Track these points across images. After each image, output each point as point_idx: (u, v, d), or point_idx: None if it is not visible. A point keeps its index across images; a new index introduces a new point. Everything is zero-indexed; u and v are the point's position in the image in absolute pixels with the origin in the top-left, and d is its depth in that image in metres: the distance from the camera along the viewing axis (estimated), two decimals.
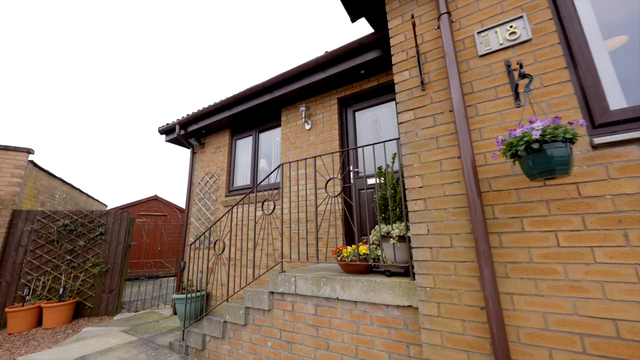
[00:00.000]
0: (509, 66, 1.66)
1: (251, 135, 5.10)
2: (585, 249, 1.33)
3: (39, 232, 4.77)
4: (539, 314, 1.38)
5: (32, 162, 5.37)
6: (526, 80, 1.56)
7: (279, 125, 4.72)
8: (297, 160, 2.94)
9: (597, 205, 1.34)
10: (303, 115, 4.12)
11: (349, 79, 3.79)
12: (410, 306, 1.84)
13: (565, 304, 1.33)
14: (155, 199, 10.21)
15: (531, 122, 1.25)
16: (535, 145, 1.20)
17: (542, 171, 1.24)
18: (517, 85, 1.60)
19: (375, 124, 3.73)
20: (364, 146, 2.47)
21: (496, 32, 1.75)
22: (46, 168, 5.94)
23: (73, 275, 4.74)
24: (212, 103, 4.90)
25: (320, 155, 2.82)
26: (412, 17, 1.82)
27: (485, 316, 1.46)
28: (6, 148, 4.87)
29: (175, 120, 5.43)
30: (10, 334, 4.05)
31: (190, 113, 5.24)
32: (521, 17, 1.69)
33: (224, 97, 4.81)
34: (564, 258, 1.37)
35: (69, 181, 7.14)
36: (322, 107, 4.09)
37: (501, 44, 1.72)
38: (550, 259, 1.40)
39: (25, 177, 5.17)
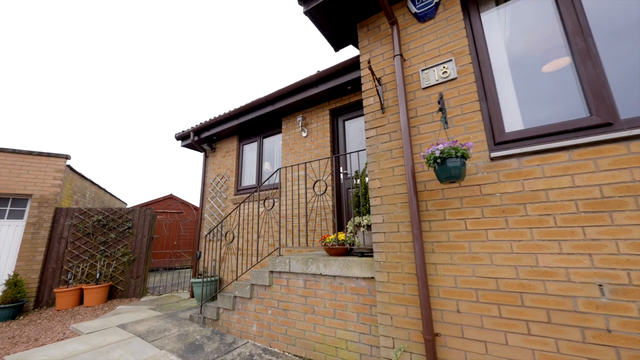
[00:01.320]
0: (441, 97, 2.23)
1: (256, 140, 5.77)
2: (482, 231, 1.91)
3: (77, 226, 5.59)
4: (451, 277, 1.96)
5: (68, 166, 6.20)
6: (443, 112, 2.13)
7: (280, 132, 5.36)
8: (291, 166, 3.58)
9: (491, 200, 1.91)
10: (300, 124, 4.74)
11: (338, 93, 4.39)
12: (373, 277, 2.44)
13: (468, 269, 1.91)
14: (170, 197, 11.07)
15: (438, 144, 1.84)
16: (438, 160, 1.78)
17: (444, 177, 1.82)
18: (444, 115, 2.18)
19: (361, 131, 4.31)
20: (346, 154, 3.08)
21: (434, 70, 2.32)
22: (79, 171, 6.77)
23: (106, 262, 5.54)
24: (222, 113, 5.58)
25: (309, 162, 3.45)
26: (369, 62, 2.39)
27: (416, 277, 2.05)
28: (49, 154, 5.70)
29: (189, 127, 6.14)
30: (58, 310, 4.87)
31: (203, 121, 5.94)
32: (451, 60, 2.25)
33: (232, 108, 5.48)
34: (469, 237, 1.95)
35: (96, 182, 8.01)
36: (316, 117, 4.70)
37: (437, 80, 2.29)
38: (460, 239, 1.97)
39: (64, 179, 6.00)
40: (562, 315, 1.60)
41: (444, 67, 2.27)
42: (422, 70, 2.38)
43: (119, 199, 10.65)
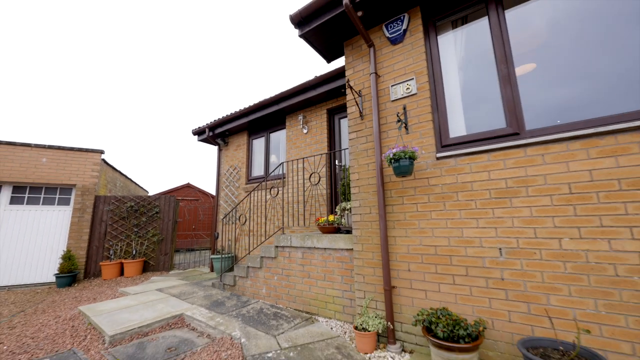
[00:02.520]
0: (404, 109, 2.85)
1: (263, 136, 6.47)
2: (428, 212, 2.57)
3: (114, 211, 6.55)
4: (405, 246, 2.65)
5: (103, 159, 7.12)
6: (402, 122, 2.76)
7: (284, 128, 6.03)
8: (292, 160, 4.27)
9: (435, 189, 2.56)
10: (301, 122, 5.39)
11: (334, 95, 4.99)
12: (352, 249, 3.16)
13: (417, 240, 2.59)
14: (188, 186, 12.07)
15: (394, 148, 2.48)
16: (393, 160, 2.44)
17: (398, 173, 2.48)
18: (406, 122, 2.80)
19: None
20: (337, 151, 3.73)
21: (400, 86, 2.92)
22: (110, 163, 7.71)
23: (139, 242, 6.52)
24: (233, 111, 6.28)
25: (307, 157, 4.13)
26: (348, 81, 3.00)
27: (383, 244, 2.75)
28: (87, 150, 6.61)
29: (205, 124, 6.89)
30: (104, 279, 5.90)
31: (216, 119, 6.66)
32: (413, 78, 2.84)
33: (242, 107, 6.17)
34: (419, 217, 2.62)
35: (124, 172, 8.99)
36: (315, 116, 5.34)
37: (402, 95, 2.89)
38: (413, 218, 2.65)
39: (100, 171, 6.94)
40: (475, 270, 2.28)
41: (407, 84, 2.87)
42: (392, 85, 2.98)
43: (142, 187, 11.71)
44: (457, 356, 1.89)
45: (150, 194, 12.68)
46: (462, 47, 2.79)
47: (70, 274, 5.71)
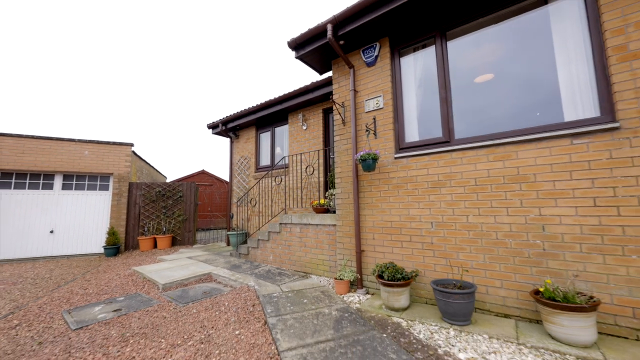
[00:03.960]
0: (374, 119, 3.74)
1: (269, 130, 7.41)
2: (387, 197, 3.54)
3: (145, 195, 7.76)
4: (371, 221, 3.65)
5: (133, 151, 8.26)
6: (370, 131, 3.67)
7: (287, 123, 6.95)
8: (292, 155, 5.23)
9: (393, 180, 3.51)
10: (301, 120, 6.30)
11: (328, 97, 5.84)
12: (335, 224, 4.19)
13: (379, 217, 3.58)
14: (203, 172, 13.27)
15: (361, 151, 3.42)
16: (360, 160, 3.39)
17: (365, 169, 3.43)
18: (375, 130, 3.70)
19: None
20: (328, 148, 4.66)
21: (371, 101, 3.79)
22: (138, 153, 8.86)
23: (168, 221, 7.76)
24: (243, 109, 7.21)
25: (305, 153, 5.08)
26: (333, 98, 3.87)
27: (355, 220, 3.76)
28: (120, 143, 7.73)
29: (218, 119, 7.86)
30: (142, 251, 7.20)
31: (228, 115, 7.61)
32: (381, 95, 3.71)
33: (250, 105, 7.08)
34: (381, 200, 3.59)
35: (148, 162, 10.17)
36: (313, 114, 6.23)
37: (373, 108, 3.77)
38: (377, 201, 3.62)
39: (131, 161, 8.09)
40: (416, 237, 3.27)
41: (377, 100, 3.74)
42: (366, 100, 3.86)
43: (162, 174, 12.98)
44: (394, 290, 2.93)
45: (169, 179, 13.98)
46: (420, 70, 3.62)
47: (115, 246, 7.02)
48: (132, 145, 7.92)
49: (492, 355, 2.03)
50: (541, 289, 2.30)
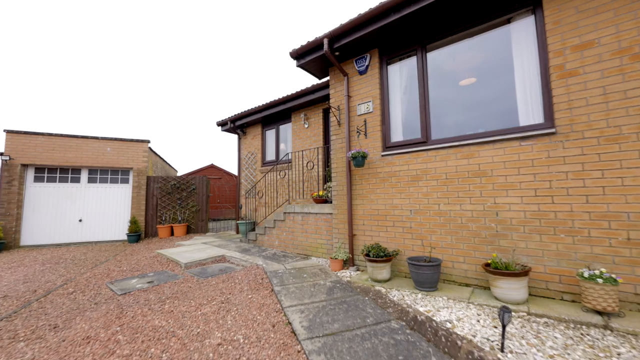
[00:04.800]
0: (365, 122, 4.31)
1: (274, 128, 8.01)
2: (375, 189, 4.14)
3: (162, 188, 8.49)
4: (362, 210, 4.26)
5: (149, 147, 8.97)
6: (361, 132, 4.24)
7: (290, 122, 7.53)
8: (296, 151, 5.83)
9: (379, 175, 4.10)
10: (303, 119, 6.88)
11: (327, 98, 6.39)
12: (332, 212, 4.81)
13: (368, 206, 4.19)
14: (212, 166, 14.00)
15: (352, 150, 4.01)
16: (351, 157, 3.98)
17: (355, 165, 4.03)
18: (366, 131, 4.27)
19: None
20: (327, 146, 5.25)
21: (363, 105, 4.35)
22: (153, 149, 9.57)
23: (182, 211, 8.50)
24: (250, 108, 7.80)
25: (305, 150, 5.68)
26: (330, 103, 4.43)
27: (348, 209, 4.38)
28: (138, 140, 8.44)
29: (227, 117, 8.48)
30: (160, 238, 7.98)
31: (236, 113, 8.22)
32: (370, 101, 4.26)
33: (257, 105, 7.66)
34: (370, 192, 4.19)
35: (162, 156, 10.90)
36: (314, 114, 6.79)
37: (364, 112, 4.33)
38: (367, 192, 4.22)
39: (147, 156, 8.81)
40: (398, 223, 3.87)
41: (367, 105, 4.30)
42: (358, 104, 4.42)
43: (173, 168, 13.74)
44: (377, 265, 3.55)
45: (179, 173, 14.76)
46: (404, 78, 4.15)
47: (136, 234, 7.81)
48: (148, 142, 8.62)
49: (445, 309, 2.65)
50: (490, 262, 2.90)
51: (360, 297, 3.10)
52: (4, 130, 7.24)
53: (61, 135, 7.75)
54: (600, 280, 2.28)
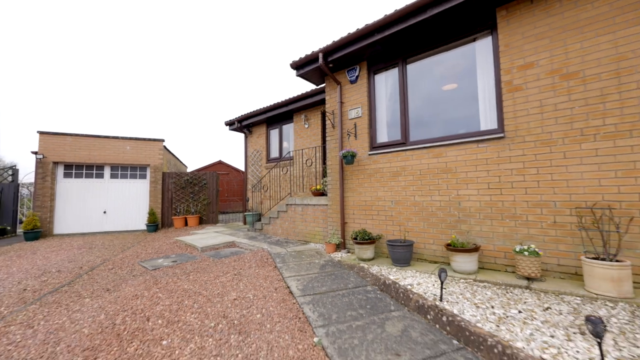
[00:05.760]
0: (355, 125, 4.97)
1: (278, 128, 8.70)
2: (363, 183, 4.82)
3: (176, 183, 9.32)
4: (352, 201, 4.96)
5: (164, 146, 9.78)
6: (351, 134, 4.91)
7: (292, 122, 8.21)
8: (297, 150, 6.53)
9: (367, 171, 4.78)
10: (303, 120, 7.55)
11: (325, 102, 7.04)
12: (327, 204, 5.52)
13: (357, 198, 4.89)
14: (220, 162, 14.82)
15: (344, 150, 4.69)
16: (341, 157, 4.67)
17: (346, 163, 4.72)
18: (356, 133, 4.94)
19: None
20: (323, 145, 5.94)
21: (353, 111, 5.01)
22: (167, 147, 10.38)
23: (195, 204, 9.33)
24: (255, 109, 8.50)
25: (305, 149, 6.39)
26: (325, 110, 5.08)
27: (340, 201, 5.08)
28: (154, 140, 9.24)
29: (234, 118, 9.20)
30: (176, 228, 8.83)
31: (243, 114, 8.93)
32: (360, 107, 4.92)
33: (262, 106, 8.35)
34: (358, 186, 4.88)
35: (174, 153, 11.72)
36: (313, 115, 7.46)
37: (354, 116, 4.99)
38: (356, 186, 4.91)
39: (163, 154, 9.62)
40: (381, 212, 4.56)
41: (357, 110, 4.96)
42: (349, 109, 5.08)
43: (183, 164, 14.60)
44: (363, 246, 4.26)
45: (189, 169, 15.63)
46: (389, 86, 4.79)
47: (154, 224, 8.66)
48: (163, 140, 9.42)
49: (410, 278, 3.35)
50: (450, 242, 3.58)
51: (346, 271, 3.83)
52: (38, 132, 8.10)
53: (86, 136, 8.59)
54: (526, 253, 2.95)
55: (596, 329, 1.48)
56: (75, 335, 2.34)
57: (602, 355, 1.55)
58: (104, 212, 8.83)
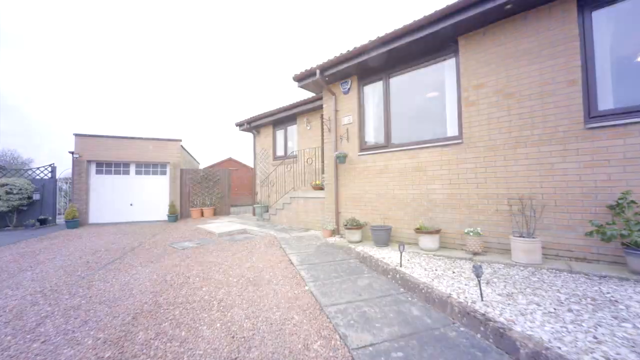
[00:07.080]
0: (347, 130, 5.86)
1: (283, 129, 9.64)
2: (354, 179, 5.73)
3: (192, 178, 10.40)
4: (345, 194, 5.88)
5: (181, 145, 10.85)
6: (344, 138, 5.81)
7: (296, 124, 9.13)
8: (299, 150, 7.48)
9: (357, 169, 5.68)
10: (306, 122, 8.47)
11: None
12: (324, 197, 6.46)
13: (349, 192, 5.81)
14: (230, 159, 15.90)
15: (337, 151, 5.61)
16: (335, 157, 5.58)
17: (339, 162, 5.63)
18: (348, 137, 5.84)
19: None
20: (321, 146, 6.86)
21: (346, 117, 5.89)
22: (183, 146, 11.45)
23: (210, 197, 10.42)
24: (263, 112, 9.44)
25: (305, 149, 7.33)
26: (322, 116, 5.97)
27: (335, 194, 6.01)
28: (173, 140, 10.32)
29: (244, 119, 10.18)
30: (193, 219, 9.95)
31: (252, 116, 9.89)
32: (351, 114, 5.80)
33: (269, 110, 9.29)
34: (350, 182, 5.79)
35: (188, 151, 12.81)
36: (314, 118, 8.36)
37: (347, 122, 5.88)
38: (348, 182, 5.83)
39: (180, 153, 10.70)
40: (369, 204, 5.48)
41: (349, 117, 5.85)
42: (343, 117, 5.97)
43: (196, 160, 15.73)
44: (352, 231, 5.19)
45: (201, 165, 16.76)
46: (376, 97, 5.65)
47: (174, 215, 9.79)
48: (180, 140, 10.48)
49: (385, 253, 4.27)
50: (419, 227, 4.48)
51: (336, 250, 4.79)
52: (74, 134, 9.26)
53: (114, 137, 9.72)
54: (471, 234, 3.83)
55: (477, 271, 2.39)
56: (141, 286, 3.37)
57: (480, 289, 2.45)
58: (131, 205, 10.00)
